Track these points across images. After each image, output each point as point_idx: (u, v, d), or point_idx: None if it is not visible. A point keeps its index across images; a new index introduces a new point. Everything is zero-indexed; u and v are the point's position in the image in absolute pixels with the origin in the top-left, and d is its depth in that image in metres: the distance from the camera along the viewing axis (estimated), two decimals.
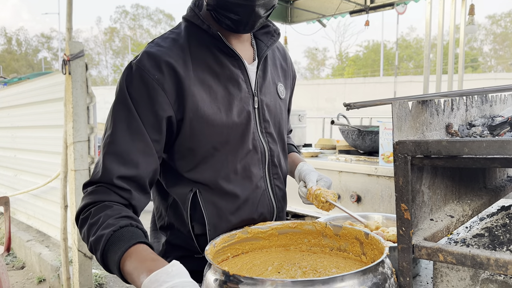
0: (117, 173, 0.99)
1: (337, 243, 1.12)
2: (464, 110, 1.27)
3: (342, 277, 0.79)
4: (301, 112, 3.66)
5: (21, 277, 4.23)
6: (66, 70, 3.06)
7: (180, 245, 1.19)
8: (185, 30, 1.15)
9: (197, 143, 1.08)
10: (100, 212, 0.95)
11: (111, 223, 0.92)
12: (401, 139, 0.90)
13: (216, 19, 1.11)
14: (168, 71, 1.04)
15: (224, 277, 0.84)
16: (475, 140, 0.80)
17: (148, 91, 1.02)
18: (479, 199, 1.25)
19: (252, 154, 1.17)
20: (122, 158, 1.00)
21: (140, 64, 1.04)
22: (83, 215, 0.99)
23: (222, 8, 1.05)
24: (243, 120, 1.14)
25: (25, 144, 4.67)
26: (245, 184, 1.16)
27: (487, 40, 41.80)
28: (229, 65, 1.14)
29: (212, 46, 1.13)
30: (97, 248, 0.92)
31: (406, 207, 0.90)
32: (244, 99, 1.15)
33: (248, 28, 1.11)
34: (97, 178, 1.01)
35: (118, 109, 1.04)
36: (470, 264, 0.84)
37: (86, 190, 1.03)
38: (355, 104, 1.15)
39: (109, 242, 0.90)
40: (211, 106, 1.09)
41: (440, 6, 3.46)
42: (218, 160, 1.11)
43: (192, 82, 1.06)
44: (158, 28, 54.61)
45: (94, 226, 0.94)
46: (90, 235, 0.94)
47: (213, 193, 1.13)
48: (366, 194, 2.74)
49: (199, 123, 1.07)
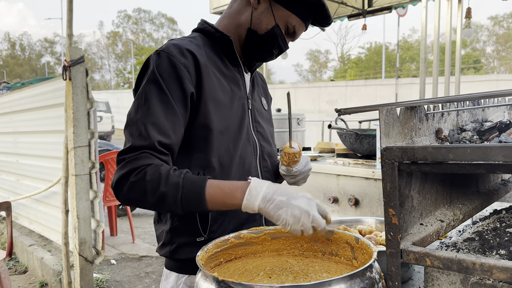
0: (157, 139, 1.12)
1: (329, 248, 1.13)
2: (455, 115, 1.28)
3: (329, 282, 0.80)
4: (300, 115, 3.68)
5: (23, 281, 4.25)
6: (67, 76, 3.09)
7: (184, 230, 1.25)
8: (198, 37, 1.32)
9: (211, 123, 1.22)
10: (157, 170, 1.08)
11: (175, 174, 1.08)
12: (389, 145, 0.91)
13: (251, 45, 1.33)
14: (191, 57, 1.20)
15: (214, 283, 0.86)
16: (460, 147, 0.82)
17: (176, 71, 1.17)
18: (471, 203, 1.26)
19: (247, 145, 1.32)
20: (159, 128, 1.13)
21: (168, 50, 1.19)
22: (135, 177, 1.08)
23: (271, 42, 1.31)
24: (239, 114, 1.31)
25: (27, 149, 4.70)
26: (241, 171, 1.29)
27: (489, 41, 41.72)
28: (233, 70, 1.35)
29: (220, 53, 1.33)
30: (175, 194, 1.06)
31: (394, 212, 0.91)
32: (242, 99, 1.34)
33: (267, 61, 1.42)
34: (138, 144, 1.11)
35: (150, 87, 1.16)
36: (457, 269, 0.86)
37: (125, 157, 1.11)
38: (345, 110, 1.16)
39: (185, 185, 1.07)
40: (220, 94, 1.25)
41: (436, 10, 3.47)
42: (223, 146, 1.25)
43: (208, 71, 1.23)
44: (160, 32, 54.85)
45: (155, 181, 1.07)
46: (157, 188, 1.07)
47: (217, 176, 1.23)
48: (364, 197, 2.74)
49: (212, 105, 1.22)
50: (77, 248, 3.16)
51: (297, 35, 1.35)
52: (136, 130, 1.12)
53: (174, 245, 1.25)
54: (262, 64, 1.71)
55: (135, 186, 1.08)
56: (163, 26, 55.70)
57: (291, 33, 1.32)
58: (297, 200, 1.02)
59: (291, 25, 1.30)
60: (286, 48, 1.36)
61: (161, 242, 1.30)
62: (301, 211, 1.00)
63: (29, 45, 55.45)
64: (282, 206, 1.01)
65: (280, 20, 1.29)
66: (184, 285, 1.25)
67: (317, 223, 1.01)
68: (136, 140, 1.11)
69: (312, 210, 1.01)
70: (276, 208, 1.01)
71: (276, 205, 1.01)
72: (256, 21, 1.29)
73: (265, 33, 1.29)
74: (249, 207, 1.04)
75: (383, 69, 30.71)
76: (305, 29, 1.37)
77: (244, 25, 1.31)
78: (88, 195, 3.21)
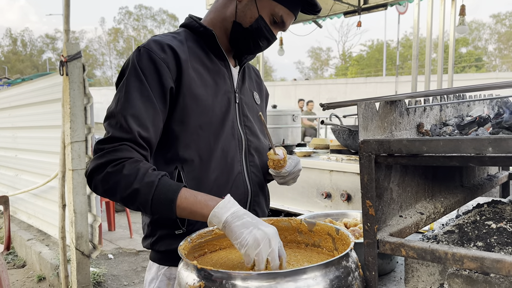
0: (137, 132, 1.12)
1: (311, 239, 1.16)
2: (439, 110, 1.30)
3: (304, 270, 0.82)
4: (295, 112, 3.70)
5: (21, 275, 4.29)
6: (64, 71, 3.11)
7: (164, 223, 1.27)
8: (183, 33, 1.33)
9: (187, 119, 1.22)
10: (135, 166, 1.08)
11: (152, 174, 1.08)
12: (366, 138, 0.94)
13: (237, 38, 1.32)
14: (171, 52, 1.21)
15: (194, 271, 0.88)
16: (433, 139, 0.84)
17: (156, 66, 1.18)
18: (453, 197, 1.28)
19: (230, 140, 1.32)
20: (138, 120, 1.14)
21: (148, 47, 1.21)
22: (112, 168, 1.08)
23: (257, 34, 1.30)
24: (223, 108, 1.31)
25: (26, 144, 4.73)
26: (223, 164, 1.29)
27: (491, 39, 41.59)
28: (218, 63, 1.34)
29: (205, 47, 1.33)
30: (147, 193, 1.06)
31: (371, 203, 0.93)
32: (228, 93, 1.33)
33: (256, 53, 1.40)
34: (118, 135, 1.11)
35: (131, 80, 1.17)
36: (430, 259, 0.88)
37: (104, 147, 1.11)
38: (329, 104, 1.19)
39: (160, 185, 1.06)
40: (200, 89, 1.25)
41: (428, 8, 3.48)
42: (202, 140, 1.25)
43: (188, 66, 1.24)
44: (162, 28, 54.77)
45: (132, 176, 1.07)
46: (131, 183, 1.07)
47: (195, 170, 1.25)
48: (356, 192, 2.77)
49: (190, 100, 1.22)
50: (74, 242, 3.19)
51: (286, 24, 1.34)
52: (116, 122, 1.13)
53: (155, 237, 1.28)
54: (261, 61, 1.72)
55: (110, 178, 1.08)
56: (165, 23, 55.66)
57: (280, 23, 1.31)
58: (266, 227, 0.96)
59: (278, 15, 1.29)
60: (274, 39, 1.36)
61: (144, 234, 1.33)
62: (265, 237, 0.94)
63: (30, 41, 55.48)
64: (249, 226, 0.96)
65: (264, 12, 1.28)
66: (164, 276, 1.28)
67: (272, 257, 0.94)
68: (116, 131, 1.12)
69: (275, 244, 0.95)
70: (241, 226, 0.96)
71: (243, 224, 0.97)
72: (240, 14, 1.29)
73: (249, 26, 1.29)
74: (216, 217, 1.01)
75: (384, 66, 30.65)
76: (294, 18, 1.35)
77: (230, 18, 1.31)
78: (85, 190, 3.24)
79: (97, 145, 1.13)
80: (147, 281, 1.32)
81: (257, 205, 1.38)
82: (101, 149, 1.12)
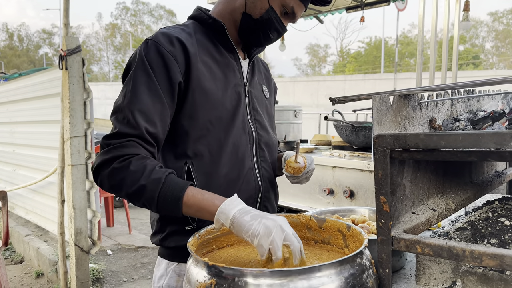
0: (145, 127, 1.10)
1: (321, 236, 1.14)
2: (450, 105, 1.28)
3: (319, 268, 0.80)
4: (297, 108, 3.67)
5: (19, 271, 4.26)
6: (63, 65, 3.07)
7: (174, 218, 1.24)
8: (191, 25, 1.30)
9: (197, 114, 1.20)
10: (142, 162, 1.06)
11: (160, 171, 1.06)
12: (381, 133, 0.91)
13: (246, 30, 1.29)
14: (179, 46, 1.18)
15: (205, 268, 0.86)
16: (452, 134, 0.82)
17: (164, 60, 1.15)
18: (464, 194, 1.26)
19: (241, 134, 1.29)
20: (146, 116, 1.11)
21: (156, 39, 1.18)
22: (119, 164, 1.07)
23: (267, 26, 1.27)
24: (234, 102, 1.28)
25: (24, 139, 4.69)
26: (233, 159, 1.27)
27: (489, 37, 41.64)
28: (227, 56, 1.31)
29: (214, 39, 1.30)
30: (154, 189, 1.04)
31: (385, 199, 0.91)
32: (237, 86, 1.30)
33: (266, 45, 1.37)
34: (126, 130, 1.10)
35: (138, 74, 1.15)
36: (447, 256, 0.86)
37: (111, 142, 1.09)
38: (340, 98, 1.16)
39: (166, 182, 1.04)
40: (210, 83, 1.22)
41: (433, 3, 3.45)
42: (213, 136, 1.23)
43: (197, 60, 1.21)
44: (159, 24, 54.56)
45: (138, 172, 1.05)
46: (138, 179, 1.05)
47: (205, 165, 1.23)
48: (359, 189, 2.75)
49: (200, 95, 1.20)
50: (73, 238, 3.17)
51: (297, 16, 1.30)
52: (124, 117, 1.11)
53: (164, 233, 1.25)
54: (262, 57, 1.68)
55: (116, 173, 1.07)
56: (162, 18, 55.41)
57: (290, 14, 1.28)
58: (275, 217, 0.95)
59: (289, 6, 1.26)
60: (284, 31, 1.33)
61: (153, 230, 1.30)
62: (275, 224, 0.91)
63: (27, 36, 55.14)
64: (257, 218, 0.94)
65: (275, 2, 1.25)
66: (173, 273, 1.26)
67: (290, 241, 0.90)
68: (123, 126, 1.10)
69: (288, 227, 0.92)
70: (250, 219, 0.94)
71: (252, 217, 0.95)
72: (250, 5, 1.26)
73: (260, 17, 1.26)
74: (223, 213, 0.98)
75: (382, 63, 30.65)
76: (304, 10, 1.32)
77: (239, 9, 1.28)
78: (84, 185, 3.21)
79: (103, 140, 1.11)
80: (156, 277, 1.29)
81: (267, 201, 1.36)
82: (107, 144, 1.10)
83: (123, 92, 1.16)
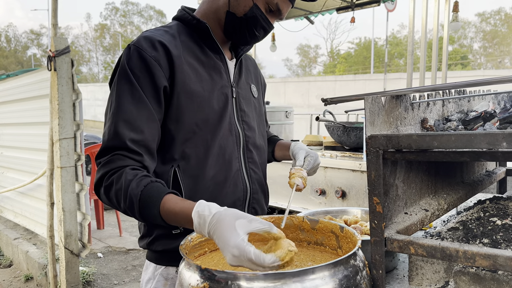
0: (128, 137, 1.10)
1: (314, 237, 1.13)
2: (441, 106, 1.28)
3: (312, 270, 0.80)
4: (288, 108, 3.67)
5: (8, 275, 4.20)
6: (52, 67, 3.03)
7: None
8: (175, 26, 1.28)
9: (183, 117, 1.19)
10: (121, 178, 1.06)
11: (135, 186, 1.04)
12: (373, 133, 0.91)
13: (231, 29, 1.27)
14: (162, 49, 1.17)
15: (197, 272, 0.85)
16: (444, 134, 0.82)
17: (147, 66, 1.14)
18: (456, 193, 1.27)
19: (228, 136, 1.28)
20: (130, 125, 1.11)
21: (138, 44, 1.16)
22: (106, 183, 1.08)
23: (252, 23, 1.24)
24: (221, 103, 1.26)
25: (12, 141, 4.63)
26: (220, 162, 1.26)
27: (476, 37, 42.11)
28: (213, 57, 1.29)
29: (199, 40, 1.27)
30: (133, 210, 1.05)
31: (378, 200, 0.91)
32: (224, 87, 1.28)
33: (253, 43, 1.34)
34: (110, 144, 1.10)
35: (121, 83, 1.14)
36: (440, 257, 0.86)
37: (100, 161, 1.11)
38: (332, 99, 1.16)
39: (141, 201, 1.03)
40: (196, 85, 1.21)
41: (423, 4, 3.48)
42: (199, 138, 1.21)
43: (182, 62, 1.19)
44: (149, 24, 54.26)
45: (120, 191, 1.05)
46: (120, 200, 1.06)
47: (192, 168, 1.21)
48: (350, 189, 2.75)
49: (185, 98, 1.18)
50: (62, 241, 3.13)
51: (283, 13, 1.28)
52: (109, 130, 1.12)
53: (152, 237, 1.24)
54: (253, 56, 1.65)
55: (107, 193, 1.10)
56: (152, 19, 55.11)
57: (276, 11, 1.26)
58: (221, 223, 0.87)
59: (273, 3, 1.23)
60: (271, 28, 1.30)
61: (141, 234, 1.29)
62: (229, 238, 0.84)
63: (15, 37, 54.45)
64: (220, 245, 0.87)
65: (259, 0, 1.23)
66: (161, 276, 1.25)
67: (255, 227, 0.86)
68: (108, 141, 1.11)
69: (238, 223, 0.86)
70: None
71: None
72: (234, 3, 1.24)
73: (244, 15, 1.23)
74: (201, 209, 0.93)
75: (371, 64, 30.82)
76: (291, 6, 1.30)
77: (223, 8, 1.26)
78: (73, 188, 3.17)
79: (96, 159, 1.13)
80: (143, 281, 1.28)
81: (256, 203, 1.35)
82: (98, 163, 1.12)
83: (109, 103, 1.16)
